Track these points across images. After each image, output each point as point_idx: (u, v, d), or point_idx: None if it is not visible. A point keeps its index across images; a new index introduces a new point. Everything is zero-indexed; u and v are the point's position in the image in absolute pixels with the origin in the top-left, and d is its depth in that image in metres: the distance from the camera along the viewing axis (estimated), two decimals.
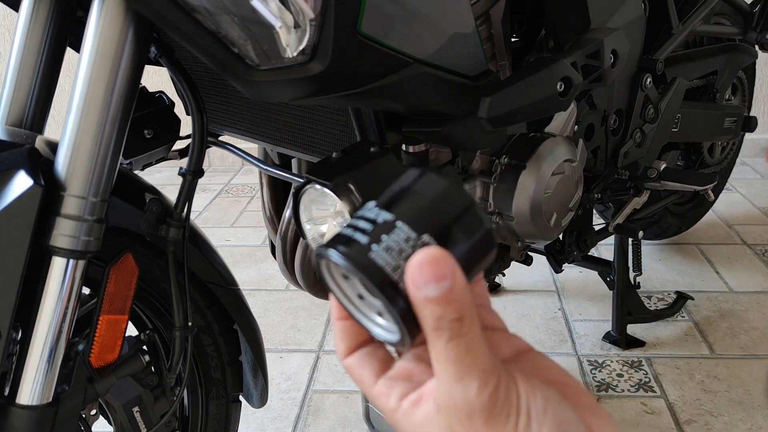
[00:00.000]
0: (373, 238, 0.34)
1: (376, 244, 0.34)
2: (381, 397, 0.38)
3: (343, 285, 0.38)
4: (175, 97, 1.11)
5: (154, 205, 0.83)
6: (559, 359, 1.54)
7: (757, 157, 2.83)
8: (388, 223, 0.35)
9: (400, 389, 0.37)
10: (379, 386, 0.38)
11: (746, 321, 1.67)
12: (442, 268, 0.33)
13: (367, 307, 0.38)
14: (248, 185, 2.77)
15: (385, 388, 0.38)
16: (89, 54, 0.71)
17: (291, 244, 1.09)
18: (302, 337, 1.68)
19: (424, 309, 0.33)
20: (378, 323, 0.37)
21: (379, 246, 0.34)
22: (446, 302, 0.33)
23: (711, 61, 1.50)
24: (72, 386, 0.79)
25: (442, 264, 0.33)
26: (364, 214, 0.36)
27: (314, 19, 0.66)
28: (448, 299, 0.33)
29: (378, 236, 0.34)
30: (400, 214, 0.35)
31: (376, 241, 0.34)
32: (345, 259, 0.34)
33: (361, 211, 0.36)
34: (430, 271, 0.33)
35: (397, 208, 0.35)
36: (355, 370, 0.39)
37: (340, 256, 0.34)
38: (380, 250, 0.34)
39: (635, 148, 1.28)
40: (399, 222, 0.34)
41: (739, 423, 1.33)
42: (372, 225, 0.35)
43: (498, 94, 0.80)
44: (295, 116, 1.01)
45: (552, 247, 1.34)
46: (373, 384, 0.38)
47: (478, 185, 1.05)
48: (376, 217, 0.35)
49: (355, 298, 0.38)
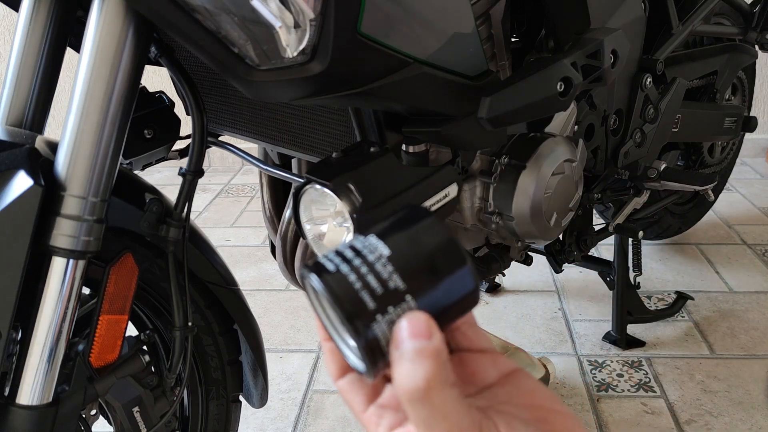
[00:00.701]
0: (350, 265, 0.34)
1: (350, 269, 0.34)
2: (371, 425, 0.38)
3: (326, 307, 0.38)
4: (175, 97, 1.11)
5: (154, 205, 0.83)
6: (559, 359, 1.54)
7: (757, 157, 2.83)
8: (366, 252, 0.35)
9: (389, 420, 0.37)
10: (369, 414, 0.38)
11: (746, 321, 1.67)
12: (423, 326, 0.33)
13: (345, 332, 0.37)
14: (248, 185, 2.77)
15: (375, 417, 0.38)
16: (89, 54, 0.71)
17: (291, 244, 1.09)
18: (302, 337, 1.68)
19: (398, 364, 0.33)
20: (353, 350, 0.37)
21: (353, 272, 0.34)
22: (420, 360, 0.33)
23: (711, 61, 1.50)
24: (72, 386, 0.79)
25: (423, 321, 0.33)
26: (352, 244, 0.36)
27: (314, 19, 0.66)
28: (424, 356, 0.33)
29: (353, 263, 0.34)
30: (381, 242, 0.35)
31: (352, 267, 0.34)
32: (322, 284, 0.34)
33: (351, 241, 0.36)
34: (410, 328, 0.33)
35: (380, 237, 0.35)
36: (347, 394, 0.39)
37: (318, 280, 0.34)
38: (353, 277, 0.34)
39: (635, 148, 1.28)
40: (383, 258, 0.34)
41: (739, 423, 1.33)
42: (353, 252, 0.35)
43: (498, 94, 0.80)
44: (295, 116, 1.01)
45: (552, 247, 1.34)
46: (363, 411, 0.39)
47: (478, 185, 1.05)
48: (362, 248, 0.35)
49: (336, 322, 0.38)
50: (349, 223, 0.78)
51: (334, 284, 0.34)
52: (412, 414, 0.33)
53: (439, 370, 0.33)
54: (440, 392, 0.33)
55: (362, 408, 0.39)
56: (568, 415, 0.37)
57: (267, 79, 0.68)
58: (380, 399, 0.39)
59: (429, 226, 0.36)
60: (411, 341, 0.33)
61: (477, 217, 1.07)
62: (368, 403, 0.39)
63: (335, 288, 0.34)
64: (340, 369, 0.40)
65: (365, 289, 0.34)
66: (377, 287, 0.34)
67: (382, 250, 0.35)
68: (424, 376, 0.32)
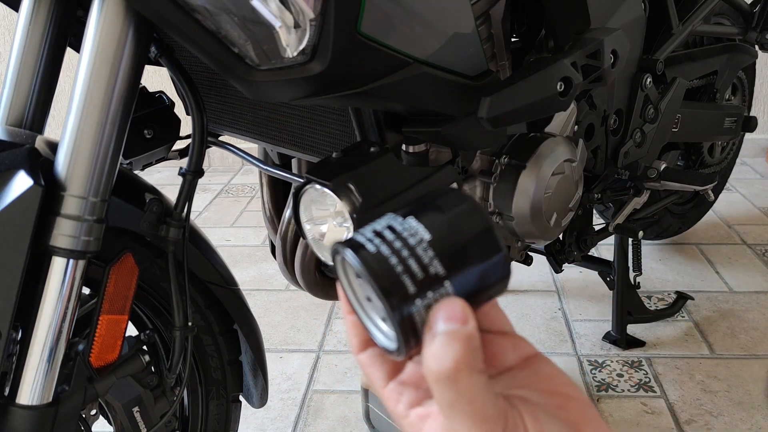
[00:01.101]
0: (390, 247, 0.34)
1: (392, 252, 0.34)
2: (390, 400, 0.38)
3: (354, 284, 0.38)
4: (175, 97, 1.11)
5: (154, 205, 0.83)
6: (559, 359, 1.54)
7: (757, 157, 2.83)
8: (406, 235, 0.35)
9: (409, 397, 0.37)
10: (390, 389, 0.38)
11: (746, 321, 1.67)
12: (459, 311, 0.34)
13: (374, 310, 0.38)
14: (248, 185, 2.77)
15: (395, 393, 0.38)
16: (89, 54, 0.71)
17: (291, 244, 1.09)
18: (302, 337, 1.68)
19: (430, 344, 0.34)
20: (380, 328, 0.38)
21: (394, 255, 0.34)
22: (451, 342, 0.33)
23: (711, 61, 1.50)
24: (72, 386, 0.79)
25: (459, 306, 0.34)
26: (391, 224, 0.36)
27: (314, 19, 0.66)
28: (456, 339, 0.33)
29: (394, 245, 0.34)
30: (421, 226, 0.35)
31: (393, 249, 0.34)
32: (359, 260, 0.34)
33: (388, 220, 0.36)
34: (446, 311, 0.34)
35: (420, 220, 0.35)
36: (367, 368, 0.39)
37: (354, 257, 0.34)
38: (395, 260, 0.34)
39: (635, 148, 1.28)
40: (424, 243, 0.35)
41: (739, 423, 1.33)
42: (393, 234, 0.35)
43: (498, 94, 0.80)
44: (295, 116, 1.01)
45: (552, 247, 1.34)
46: (384, 386, 0.39)
47: (478, 185, 1.05)
48: (401, 231, 0.35)
49: (363, 299, 0.38)
50: (349, 223, 0.78)
51: (375, 265, 0.34)
52: (437, 395, 0.34)
53: (469, 354, 0.33)
54: (468, 376, 0.33)
55: (383, 383, 0.39)
56: (586, 403, 0.36)
57: (267, 79, 0.68)
58: (401, 376, 0.39)
59: (469, 212, 0.36)
60: (445, 323, 0.34)
61: None
62: (389, 378, 0.39)
63: (377, 270, 0.34)
64: (361, 342, 0.40)
65: (406, 273, 0.34)
66: (418, 272, 0.34)
67: (422, 234, 0.35)
68: (454, 357, 0.33)
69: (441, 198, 0.37)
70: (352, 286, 0.38)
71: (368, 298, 0.38)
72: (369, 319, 0.38)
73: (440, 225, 0.35)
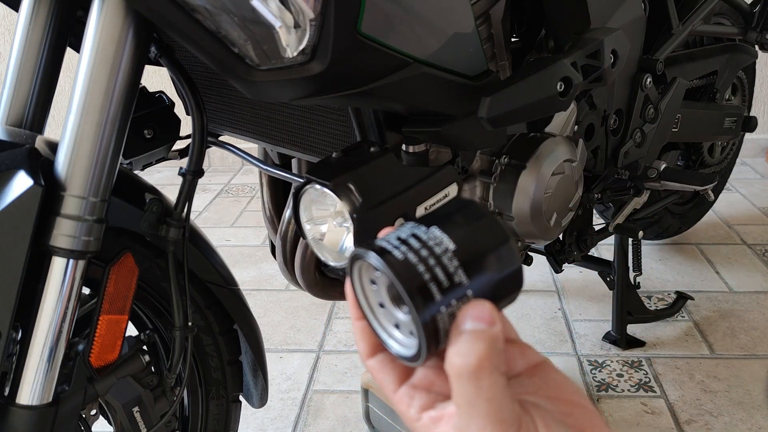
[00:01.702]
0: (417, 254, 0.36)
1: (419, 259, 0.35)
2: (401, 404, 0.38)
3: (367, 290, 0.39)
4: (175, 97, 1.11)
5: (154, 205, 0.83)
6: (559, 359, 1.54)
7: (757, 157, 2.83)
8: (432, 244, 0.36)
9: (421, 400, 0.38)
10: (401, 394, 0.39)
11: (746, 321, 1.67)
12: (488, 314, 0.35)
13: (386, 317, 0.38)
14: (248, 185, 2.77)
15: (406, 397, 0.38)
16: (89, 54, 0.71)
17: (291, 244, 1.09)
18: (302, 337, 1.68)
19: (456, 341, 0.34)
20: (393, 335, 0.38)
21: (421, 263, 0.35)
22: (479, 340, 0.34)
23: (711, 61, 1.50)
24: (72, 386, 0.79)
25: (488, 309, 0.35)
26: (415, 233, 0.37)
27: (314, 19, 0.66)
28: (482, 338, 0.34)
29: (421, 253, 0.36)
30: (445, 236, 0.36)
31: (420, 257, 0.35)
32: (388, 266, 0.35)
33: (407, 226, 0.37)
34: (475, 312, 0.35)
35: (444, 230, 0.36)
36: (378, 373, 0.40)
37: (382, 262, 0.35)
38: (422, 267, 0.35)
39: (635, 148, 1.28)
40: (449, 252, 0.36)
41: (739, 423, 1.33)
42: (418, 242, 0.36)
43: (498, 94, 0.80)
44: (295, 116, 1.00)
45: (552, 247, 1.34)
46: (395, 391, 0.39)
47: (478, 185, 1.05)
48: (427, 240, 0.36)
49: (376, 306, 0.39)
50: (349, 223, 0.78)
51: (403, 271, 0.35)
52: (457, 391, 0.34)
53: (493, 354, 0.34)
54: (489, 375, 0.34)
55: (394, 387, 0.39)
56: (592, 411, 0.37)
57: (267, 79, 0.68)
58: (411, 380, 0.39)
59: (490, 225, 0.37)
60: (473, 323, 0.35)
61: None
62: (399, 383, 0.39)
63: (405, 275, 0.35)
64: (371, 348, 0.40)
65: (433, 280, 0.35)
66: (444, 280, 0.35)
67: (447, 244, 0.36)
68: (478, 355, 0.34)
69: (462, 210, 0.38)
70: (365, 292, 0.39)
71: (381, 305, 0.38)
72: (380, 326, 0.39)
73: (464, 236, 0.36)
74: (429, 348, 0.35)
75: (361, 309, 0.39)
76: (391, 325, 0.38)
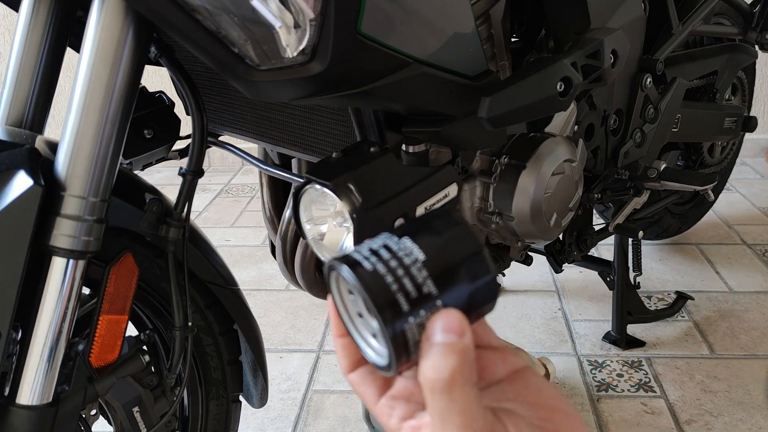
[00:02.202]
0: (386, 265, 0.36)
1: (387, 270, 0.35)
2: (383, 415, 0.39)
3: (346, 300, 0.39)
4: (175, 97, 1.11)
5: (154, 205, 0.83)
6: (559, 359, 1.54)
7: (757, 157, 2.83)
8: (402, 255, 0.36)
9: (401, 410, 0.38)
10: (381, 405, 0.39)
11: (746, 321, 1.67)
12: (457, 324, 0.35)
13: (364, 326, 0.39)
14: (248, 185, 2.77)
15: (387, 408, 0.39)
16: (89, 54, 0.71)
17: (291, 244, 1.09)
18: (302, 337, 1.68)
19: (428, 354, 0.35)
20: (370, 344, 0.39)
21: (389, 273, 0.35)
22: (449, 354, 0.34)
23: (711, 61, 1.50)
24: (72, 386, 0.79)
25: (457, 319, 0.35)
26: (386, 244, 0.37)
27: (314, 19, 0.66)
28: (453, 351, 0.34)
29: (390, 264, 0.36)
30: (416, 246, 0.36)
31: (388, 268, 0.35)
32: (356, 277, 0.35)
33: (384, 239, 0.37)
34: (444, 323, 0.35)
35: (414, 240, 0.37)
36: (359, 386, 0.41)
37: (351, 273, 0.35)
38: (390, 278, 0.35)
39: (635, 148, 1.28)
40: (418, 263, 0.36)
41: (739, 423, 1.33)
42: (389, 253, 0.36)
43: (498, 94, 0.80)
44: (295, 116, 1.01)
45: (552, 247, 1.34)
46: (376, 402, 0.40)
47: (478, 185, 1.05)
48: (397, 250, 0.36)
49: (355, 316, 0.39)
50: (349, 223, 0.78)
51: (371, 283, 0.35)
52: (430, 404, 0.35)
53: (464, 367, 0.34)
54: (461, 387, 0.34)
55: (374, 399, 0.40)
56: (572, 415, 0.37)
57: (267, 79, 0.68)
58: (391, 391, 0.40)
59: (462, 235, 0.37)
60: (443, 335, 0.35)
61: (477, 217, 1.07)
62: (380, 395, 0.40)
63: (372, 287, 0.35)
64: (352, 363, 0.41)
65: (401, 291, 0.35)
66: (412, 291, 0.35)
67: (417, 255, 0.36)
68: (450, 368, 0.34)
69: (435, 220, 0.38)
70: (344, 302, 0.39)
71: (359, 314, 0.39)
72: (359, 335, 0.39)
73: (434, 246, 0.36)
74: (399, 359, 0.36)
75: (342, 320, 0.40)
76: (369, 334, 0.39)
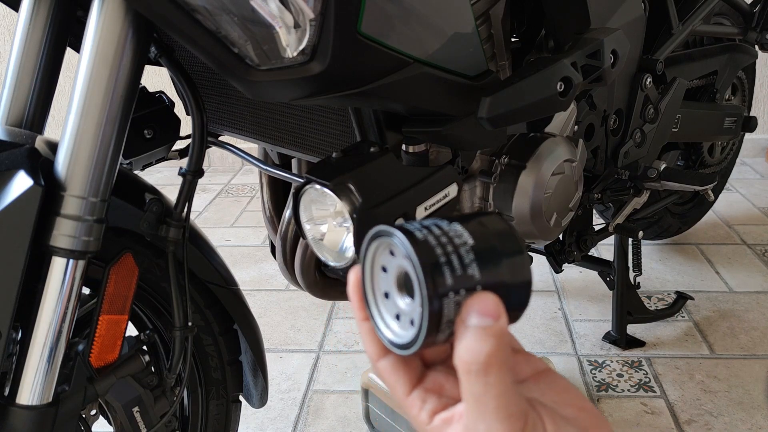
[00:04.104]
0: (437, 240, 0.36)
1: (438, 244, 0.36)
2: (413, 408, 0.38)
3: (376, 277, 0.39)
4: (175, 97, 1.11)
5: (154, 205, 0.83)
6: (559, 359, 1.54)
7: (757, 157, 2.83)
8: (452, 234, 0.37)
9: (432, 405, 0.38)
10: (413, 398, 0.39)
11: (746, 321, 1.67)
12: (493, 307, 0.35)
13: (388, 307, 0.39)
14: (248, 185, 2.77)
15: (418, 401, 0.38)
16: (89, 54, 0.71)
17: (291, 244, 1.09)
18: (302, 337, 1.68)
19: (463, 337, 0.35)
20: (389, 325, 0.39)
21: (439, 246, 0.36)
22: (485, 336, 0.34)
23: (711, 61, 1.50)
24: (72, 386, 0.79)
25: (493, 302, 0.35)
26: (438, 223, 0.38)
27: (314, 19, 0.66)
28: (489, 334, 0.34)
29: (440, 239, 0.36)
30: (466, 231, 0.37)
31: (439, 242, 0.36)
32: (409, 241, 0.35)
33: (435, 220, 0.38)
34: (480, 305, 0.35)
35: (464, 227, 0.37)
36: (389, 375, 0.39)
37: (404, 237, 0.36)
38: (440, 250, 0.36)
39: (635, 148, 1.28)
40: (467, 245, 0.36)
41: (739, 423, 1.33)
42: (439, 230, 0.37)
43: (498, 94, 0.80)
44: (295, 116, 1.01)
45: (552, 247, 1.34)
46: (407, 394, 0.39)
47: (478, 185, 1.05)
48: (448, 230, 0.37)
49: (380, 296, 0.39)
50: (349, 223, 0.78)
51: (423, 249, 0.35)
52: (466, 387, 0.35)
53: (500, 350, 0.34)
54: (497, 371, 0.34)
55: (405, 391, 0.39)
56: (597, 415, 0.37)
57: (267, 79, 0.68)
58: (424, 383, 0.39)
59: (509, 234, 0.38)
60: (479, 318, 0.35)
61: None
62: (412, 387, 0.39)
63: (423, 254, 0.35)
64: (381, 349, 0.40)
65: (448, 265, 0.35)
66: (458, 268, 0.35)
67: (467, 239, 0.37)
68: (486, 351, 0.34)
69: (484, 216, 0.39)
70: (373, 279, 0.39)
71: (386, 294, 0.39)
72: (380, 315, 0.39)
73: (483, 236, 0.37)
74: (429, 334, 0.35)
75: (365, 298, 0.39)
76: (392, 316, 0.38)
